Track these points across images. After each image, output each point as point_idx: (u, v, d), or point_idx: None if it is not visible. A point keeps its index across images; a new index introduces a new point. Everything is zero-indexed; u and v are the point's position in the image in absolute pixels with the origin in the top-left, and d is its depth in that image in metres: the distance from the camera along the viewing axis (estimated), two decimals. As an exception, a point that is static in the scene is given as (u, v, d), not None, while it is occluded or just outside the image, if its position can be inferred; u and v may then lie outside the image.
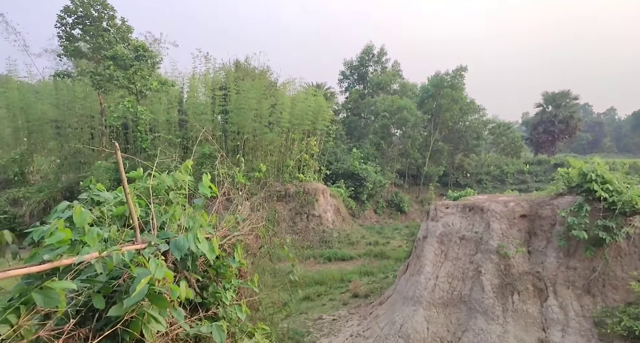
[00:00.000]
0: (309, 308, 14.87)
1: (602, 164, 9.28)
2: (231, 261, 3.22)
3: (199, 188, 3.30)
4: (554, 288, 9.31)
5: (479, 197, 12.19)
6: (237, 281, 3.50)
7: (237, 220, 3.70)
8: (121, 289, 2.23)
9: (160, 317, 2.22)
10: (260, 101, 25.95)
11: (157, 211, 3.09)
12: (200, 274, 3.15)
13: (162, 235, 2.70)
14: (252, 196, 4.50)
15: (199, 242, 2.61)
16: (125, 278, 2.30)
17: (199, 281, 3.09)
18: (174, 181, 3.56)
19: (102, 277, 2.24)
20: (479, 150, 43.26)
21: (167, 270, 2.23)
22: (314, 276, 18.05)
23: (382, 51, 47.05)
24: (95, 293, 2.14)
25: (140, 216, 2.96)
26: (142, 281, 2.00)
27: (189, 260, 2.77)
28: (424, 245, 11.53)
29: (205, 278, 3.24)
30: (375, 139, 38.32)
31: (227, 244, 3.51)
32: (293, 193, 25.77)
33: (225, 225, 3.66)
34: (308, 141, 28.20)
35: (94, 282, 2.16)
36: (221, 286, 3.22)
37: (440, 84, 38.72)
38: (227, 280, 3.34)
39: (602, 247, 8.88)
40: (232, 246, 3.55)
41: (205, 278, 3.22)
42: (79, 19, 23.34)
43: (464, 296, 10.19)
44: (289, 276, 4.19)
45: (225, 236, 3.50)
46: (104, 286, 2.21)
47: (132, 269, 2.21)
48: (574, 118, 52.36)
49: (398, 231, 29.09)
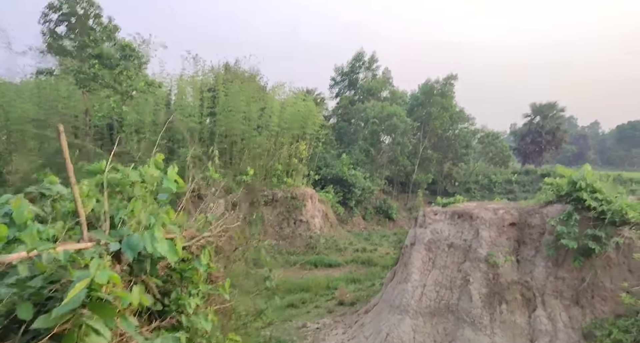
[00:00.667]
0: (293, 315, 14.47)
1: (591, 173, 9.16)
2: (198, 264, 2.89)
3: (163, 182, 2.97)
4: (543, 299, 9.11)
5: (468, 204, 12.00)
6: (205, 287, 3.17)
7: (209, 220, 3.38)
8: (58, 296, 1.90)
9: (104, 328, 1.88)
10: (249, 104, 25.63)
11: (115, 207, 2.75)
12: (163, 278, 2.82)
13: (114, 232, 2.37)
14: (229, 194, 4.18)
15: (157, 242, 2.29)
16: (65, 283, 1.96)
17: (161, 286, 2.76)
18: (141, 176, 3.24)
19: (36, 281, 1.91)
20: (467, 159, 43.41)
21: (112, 273, 1.91)
22: (299, 283, 17.66)
23: (373, 57, 47.16)
24: (23, 300, 1.80)
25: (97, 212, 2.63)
26: (76, 286, 1.68)
27: (147, 262, 2.45)
28: (412, 252, 11.27)
29: (169, 283, 2.91)
30: (364, 145, 38.19)
31: (196, 245, 3.18)
32: (281, 197, 25.39)
33: (194, 225, 3.33)
34: (297, 145, 27.91)
35: (22, 287, 1.83)
36: (186, 292, 2.89)
37: (430, 92, 38.85)
38: (193, 286, 3.02)
39: (591, 257, 8.72)
40: (201, 248, 3.23)
41: (168, 283, 2.89)
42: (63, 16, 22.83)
43: (451, 306, 9.94)
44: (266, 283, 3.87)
45: (193, 236, 3.18)
46: (36, 292, 1.88)
47: (70, 272, 1.88)
48: (560, 130, 53.02)
49: (386, 238, 28.85)
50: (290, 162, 27.52)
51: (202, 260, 2.91)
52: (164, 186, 2.96)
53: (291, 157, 27.53)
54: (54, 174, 3.00)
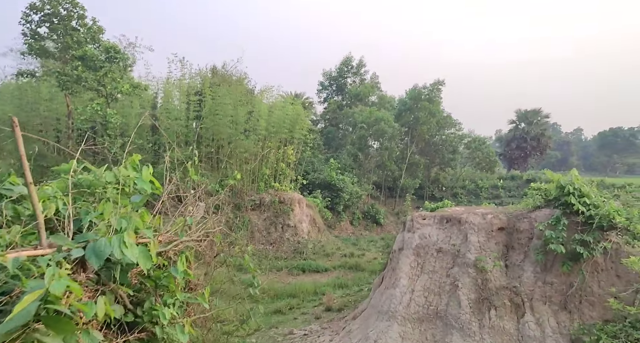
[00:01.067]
0: (279, 322, 14.19)
1: (579, 177, 9.15)
2: (174, 271, 2.68)
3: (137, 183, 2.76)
4: (531, 304, 9.04)
5: (457, 209, 11.93)
6: (183, 295, 2.96)
7: (187, 223, 3.17)
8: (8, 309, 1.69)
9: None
10: (237, 107, 25.39)
11: (84, 210, 2.54)
12: (135, 287, 2.60)
13: (80, 237, 2.16)
14: (211, 196, 3.95)
15: (127, 247, 2.08)
16: (19, 295, 1.75)
17: (133, 296, 2.54)
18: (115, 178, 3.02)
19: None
20: (454, 164, 43.70)
21: (72, 283, 1.70)
22: (286, 289, 17.40)
23: (361, 62, 47.34)
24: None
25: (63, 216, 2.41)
26: (25, 299, 1.47)
27: (116, 269, 2.24)
28: (400, 257, 11.13)
29: (143, 291, 2.70)
30: (352, 150, 38.16)
31: (173, 251, 2.97)
32: (268, 202, 25.12)
33: (172, 229, 3.12)
34: (285, 149, 27.72)
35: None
36: (161, 301, 2.68)
37: (418, 97, 39.07)
38: (170, 294, 2.81)
39: (579, 262, 8.67)
40: (179, 253, 3.02)
41: (142, 292, 2.68)
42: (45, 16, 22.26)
43: (440, 312, 9.80)
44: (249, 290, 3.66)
45: (171, 241, 2.97)
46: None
47: (23, 282, 1.67)
48: (545, 136, 53.84)
49: (374, 243, 28.75)
50: (278, 166, 27.30)
51: (179, 266, 2.70)
52: (138, 187, 2.75)
53: (279, 161, 27.32)
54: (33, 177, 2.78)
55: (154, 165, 3.55)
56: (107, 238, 2.08)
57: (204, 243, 3.37)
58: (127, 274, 2.40)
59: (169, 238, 2.97)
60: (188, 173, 3.56)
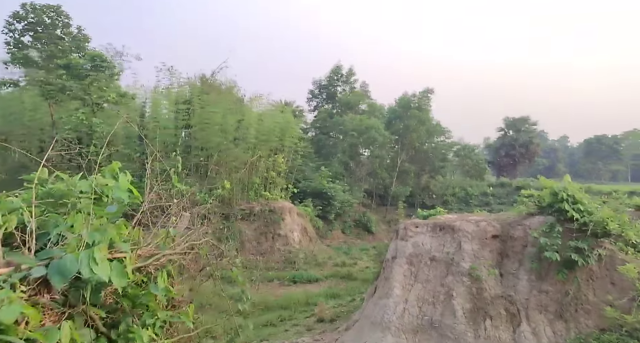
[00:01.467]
0: (270, 334, 13.84)
1: (572, 184, 9.09)
2: (153, 288, 2.44)
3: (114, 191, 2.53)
4: (527, 313, 8.89)
5: (449, 216, 11.81)
6: (165, 314, 2.72)
7: (170, 235, 2.94)
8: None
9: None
10: (226, 116, 25.15)
11: (52, 223, 2.30)
12: (111, 307, 2.36)
13: (44, 253, 1.92)
14: (196, 206, 3.71)
15: (96, 264, 1.86)
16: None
17: (107, 317, 2.30)
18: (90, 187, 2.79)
19: None
20: (444, 172, 43.82)
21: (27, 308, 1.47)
22: (277, 300, 17.04)
23: (351, 71, 47.49)
24: None
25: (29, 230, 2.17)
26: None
27: (86, 289, 2.00)
28: (393, 266, 10.93)
29: (119, 311, 2.45)
30: (343, 158, 38.07)
31: (155, 265, 2.74)
32: (258, 211, 24.77)
33: (153, 241, 2.89)
34: (275, 158, 27.48)
35: None
36: (139, 322, 2.44)
37: (407, 104, 39.25)
38: (149, 314, 2.56)
39: (574, 270, 8.57)
40: (160, 268, 2.78)
41: (118, 312, 2.44)
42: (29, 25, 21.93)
43: (434, 322, 9.59)
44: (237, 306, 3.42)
45: (151, 255, 2.73)
46: None
47: (-30, 307, 1.44)
48: (533, 143, 54.42)
49: (365, 252, 28.49)
50: (268, 175, 27.04)
51: (159, 282, 2.46)
52: (115, 197, 2.52)
53: (269, 170, 27.05)
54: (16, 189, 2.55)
55: (141, 176, 3.34)
56: (75, 254, 1.85)
57: (189, 256, 3.13)
58: (99, 293, 2.16)
59: (149, 251, 2.73)
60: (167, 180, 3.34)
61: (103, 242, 2.20)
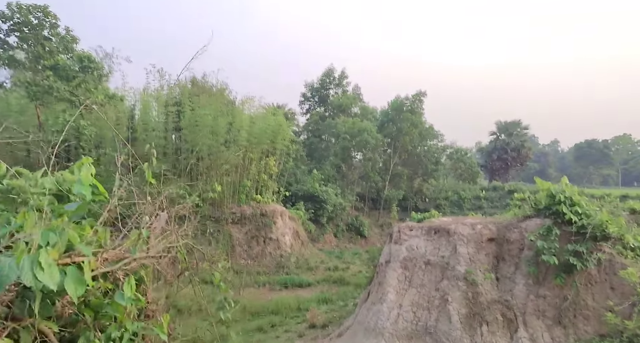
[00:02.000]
0: (260, 341, 13.46)
1: (570, 186, 8.90)
2: (119, 297, 2.14)
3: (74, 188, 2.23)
4: (524, 319, 8.64)
5: (444, 219, 11.57)
6: (135, 325, 2.41)
7: (143, 237, 2.64)
8: None
9: None
10: (217, 118, 24.77)
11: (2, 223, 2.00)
12: (68, 319, 2.06)
13: (-21, 258, 1.62)
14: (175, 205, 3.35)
15: (41, 269, 1.56)
16: None
17: (64, 331, 1.99)
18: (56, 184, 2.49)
19: None
20: (437, 175, 43.75)
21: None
22: (268, 305, 16.66)
23: (343, 74, 47.39)
24: None
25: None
26: None
27: (34, 299, 1.70)
28: (387, 271, 10.65)
29: (80, 323, 2.15)
30: (336, 161, 37.83)
31: (124, 271, 2.44)
32: (249, 215, 24.37)
33: (124, 244, 2.58)
34: (267, 161, 27.14)
35: None
36: (103, 335, 2.13)
37: (400, 107, 39.13)
38: (116, 325, 2.26)
39: (573, 274, 8.36)
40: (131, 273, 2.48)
41: (79, 325, 2.13)
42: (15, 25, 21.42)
43: (429, 328, 9.32)
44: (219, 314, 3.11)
45: (120, 259, 2.43)
46: None
47: None
48: (525, 147, 54.67)
49: (358, 256, 28.20)
50: (260, 178, 26.68)
51: (125, 291, 2.16)
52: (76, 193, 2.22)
53: (260, 173, 26.70)
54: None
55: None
56: (17, 259, 1.55)
57: (165, 260, 2.83)
58: (52, 304, 1.86)
59: (117, 255, 2.43)
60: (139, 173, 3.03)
61: (61, 243, 1.90)
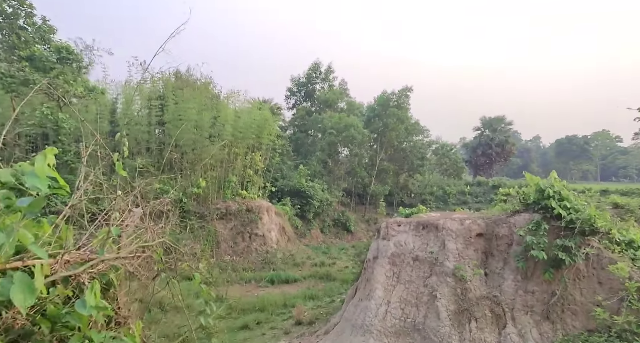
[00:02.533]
0: (246, 339, 13.22)
1: (559, 180, 8.84)
2: (79, 306, 1.86)
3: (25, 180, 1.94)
4: (512, 314, 8.59)
5: (432, 214, 11.46)
6: (102, 336, 2.14)
7: (112, 236, 2.36)
8: None
9: None
10: (201, 112, 24.27)
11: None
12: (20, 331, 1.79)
13: None
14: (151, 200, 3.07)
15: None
16: None
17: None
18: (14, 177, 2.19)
19: None
20: (423, 170, 43.92)
21: None
22: (253, 302, 16.41)
23: (329, 68, 47.09)
24: None
25: None
26: None
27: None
28: (375, 267, 10.50)
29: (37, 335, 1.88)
30: (322, 156, 37.61)
31: (90, 274, 2.16)
32: (235, 210, 24.01)
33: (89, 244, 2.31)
34: (253, 156, 26.76)
35: None
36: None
37: (387, 103, 39.06)
38: (78, 336, 1.99)
39: (561, 269, 8.31)
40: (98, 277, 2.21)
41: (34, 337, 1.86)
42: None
43: (417, 324, 9.20)
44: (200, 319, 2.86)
45: (85, 261, 2.15)
46: None
47: None
48: (508, 142, 55.31)
49: (344, 251, 28.12)
50: (245, 173, 26.30)
51: (87, 299, 1.88)
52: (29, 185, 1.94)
53: (246, 168, 26.32)
54: None
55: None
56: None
57: (138, 261, 2.56)
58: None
59: (81, 256, 2.15)
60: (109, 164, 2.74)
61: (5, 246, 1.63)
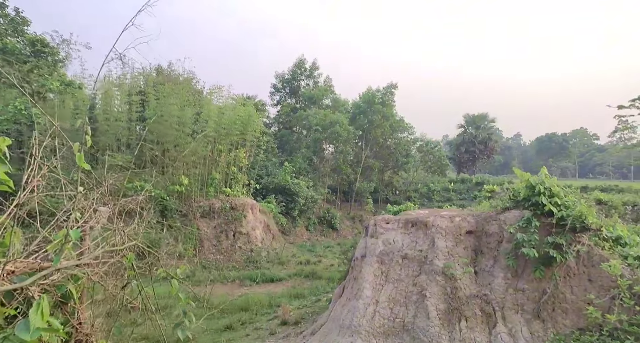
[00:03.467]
0: (230, 340, 12.85)
1: (549, 176, 8.72)
2: (20, 330, 1.52)
3: None
4: (503, 313, 8.44)
5: (421, 212, 11.27)
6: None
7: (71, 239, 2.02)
8: None
9: None
10: (183, 108, 23.69)
11: None
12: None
13: None
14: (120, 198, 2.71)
15: None
16: None
17: None
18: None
19: None
20: (408, 167, 44.03)
21: None
22: (237, 302, 16.02)
23: (314, 65, 46.72)
24: None
25: None
26: None
27: None
28: (362, 266, 10.25)
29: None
30: (307, 153, 37.31)
31: (42, 286, 1.82)
32: (218, 208, 23.54)
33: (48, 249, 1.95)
34: (236, 153, 26.28)
35: None
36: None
37: (372, 100, 38.94)
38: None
39: (552, 267, 8.19)
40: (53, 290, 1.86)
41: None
42: (-46, 6, 19.62)
43: (407, 324, 8.99)
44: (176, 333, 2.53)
45: (36, 270, 1.80)
46: None
47: None
48: (491, 140, 55.90)
49: (330, 249, 27.91)
50: (229, 170, 25.82)
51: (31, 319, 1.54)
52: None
53: (230, 165, 25.83)
54: None
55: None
56: None
57: (104, 268, 2.21)
58: None
59: (31, 265, 1.80)
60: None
61: None
